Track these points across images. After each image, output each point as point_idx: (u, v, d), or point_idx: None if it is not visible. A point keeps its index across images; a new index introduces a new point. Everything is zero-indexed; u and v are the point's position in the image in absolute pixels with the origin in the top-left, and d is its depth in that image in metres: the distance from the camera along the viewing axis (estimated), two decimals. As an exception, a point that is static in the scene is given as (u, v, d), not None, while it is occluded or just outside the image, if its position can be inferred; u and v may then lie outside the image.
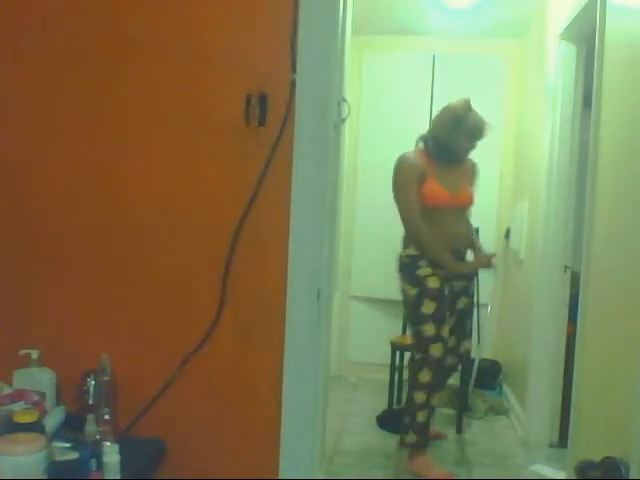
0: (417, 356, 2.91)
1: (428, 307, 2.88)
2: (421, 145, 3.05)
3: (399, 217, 2.99)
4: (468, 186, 3.07)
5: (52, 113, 2.09)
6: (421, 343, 2.89)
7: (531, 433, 3.37)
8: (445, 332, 2.91)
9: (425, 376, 2.88)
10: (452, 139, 2.96)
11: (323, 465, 2.51)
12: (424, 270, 2.93)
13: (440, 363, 2.91)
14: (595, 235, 2.30)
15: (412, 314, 2.98)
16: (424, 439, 2.97)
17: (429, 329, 2.86)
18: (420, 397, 2.90)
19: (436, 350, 2.87)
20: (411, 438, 2.95)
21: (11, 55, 2.10)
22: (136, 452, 1.86)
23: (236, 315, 2.03)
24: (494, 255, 3.29)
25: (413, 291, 2.94)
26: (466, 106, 2.97)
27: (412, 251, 2.97)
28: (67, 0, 2.08)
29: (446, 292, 2.96)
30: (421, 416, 2.92)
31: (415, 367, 2.93)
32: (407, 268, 2.98)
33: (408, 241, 3.00)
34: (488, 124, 3.00)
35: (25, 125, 2.11)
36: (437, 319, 2.88)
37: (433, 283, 2.91)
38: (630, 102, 2.02)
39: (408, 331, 3.13)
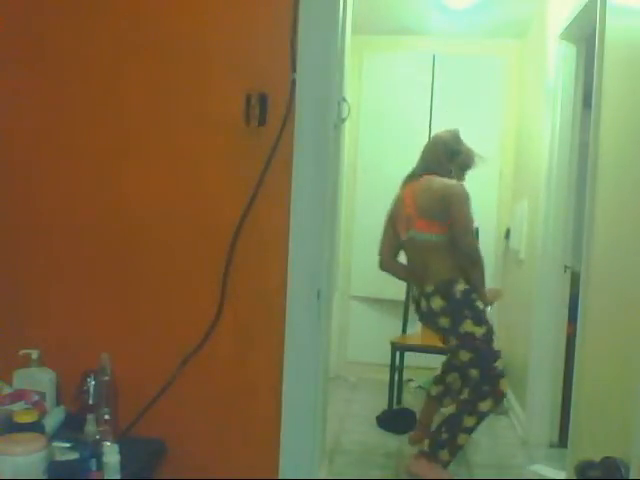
0: (485, 387, 2.85)
1: (495, 344, 2.90)
2: (417, 175, 3.04)
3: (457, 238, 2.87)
4: None
5: (52, 113, 2.09)
6: (493, 379, 2.86)
7: (531, 433, 3.38)
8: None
9: (485, 406, 2.87)
10: (447, 170, 2.99)
11: (323, 465, 2.51)
12: (475, 295, 2.88)
13: (503, 397, 2.94)
14: (595, 235, 2.30)
15: (484, 353, 2.88)
16: (451, 459, 2.93)
17: (499, 365, 2.87)
18: (470, 422, 2.88)
19: (504, 385, 2.89)
20: (444, 456, 2.89)
21: (11, 55, 2.10)
22: (136, 452, 1.86)
23: (236, 315, 2.03)
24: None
25: (482, 330, 2.86)
26: (457, 138, 3.02)
27: (462, 285, 2.87)
28: (67, 1, 2.08)
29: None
30: (462, 439, 2.89)
31: (480, 395, 2.86)
32: (467, 303, 2.86)
33: (453, 275, 2.88)
34: (478, 155, 3.06)
35: (25, 125, 2.11)
36: (499, 355, 2.90)
37: (481, 305, 2.90)
38: (630, 102, 2.02)
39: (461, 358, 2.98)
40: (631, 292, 1.87)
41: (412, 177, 3.08)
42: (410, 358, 3.86)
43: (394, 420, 3.57)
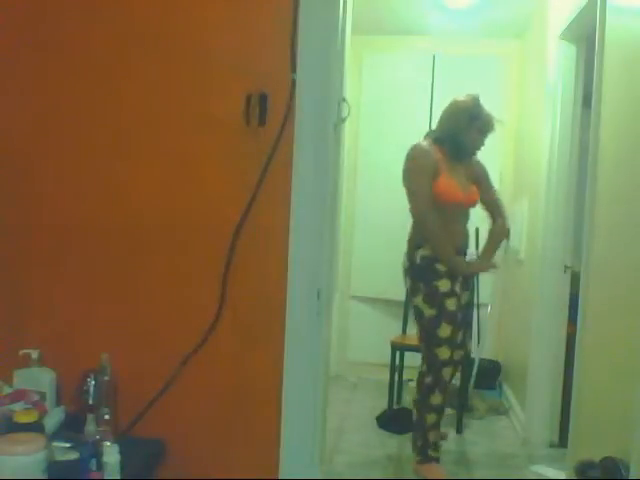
0: (428, 379, 2.87)
1: (445, 331, 2.84)
2: (430, 139, 3.00)
3: (408, 207, 2.89)
4: (473, 185, 3.06)
5: (52, 112, 2.09)
6: (435, 366, 2.86)
7: (531, 433, 3.37)
8: (457, 355, 2.91)
9: (436, 399, 2.89)
10: (465, 135, 2.96)
11: (323, 465, 2.51)
12: (441, 266, 2.83)
13: (449, 385, 2.94)
14: (595, 235, 2.30)
15: (427, 335, 2.89)
16: (438, 454, 2.98)
17: (444, 353, 2.84)
18: (431, 418, 2.91)
19: (447, 374, 2.89)
20: (433, 454, 2.95)
21: (11, 54, 2.10)
22: (136, 452, 1.86)
23: (236, 315, 2.03)
24: (495, 265, 3.24)
25: (431, 311, 2.84)
26: (477, 102, 2.98)
27: (426, 251, 2.86)
28: (67, 1, 2.07)
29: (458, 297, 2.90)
30: (433, 436, 2.94)
31: (427, 390, 2.89)
32: (423, 274, 2.87)
33: (421, 239, 2.89)
34: (496, 119, 3.04)
35: (26, 125, 2.11)
36: (452, 343, 2.87)
37: (443, 286, 2.84)
38: (630, 102, 2.02)
39: (416, 335, 3.04)
40: (631, 292, 1.87)
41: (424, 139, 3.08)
42: (410, 358, 3.86)
43: (394, 420, 3.57)
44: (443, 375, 2.87)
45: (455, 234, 2.95)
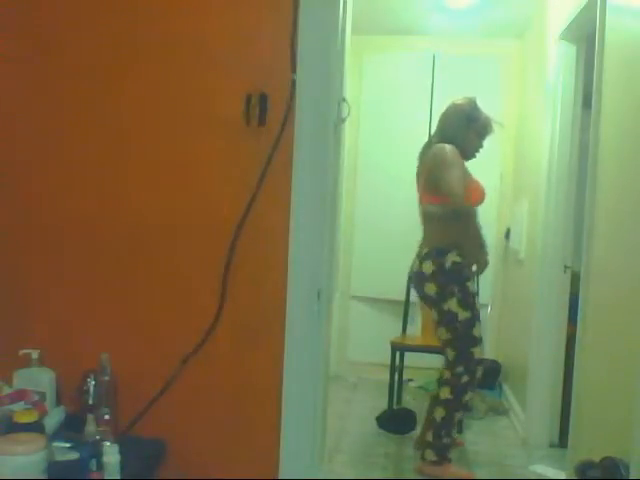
0: (465, 379, 2.87)
1: (478, 330, 2.90)
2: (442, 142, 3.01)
3: (445, 194, 2.88)
4: None
5: (52, 112, 2.09)
6: (471, 366, 2.87)
7: (531, 433, 3.37)
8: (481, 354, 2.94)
9: (468, 397, 2.91)
10: (464, 138, 2.98)
11: (323, 465, 2.51)
12: (470, 284, 2.91)
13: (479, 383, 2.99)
14: (595, 235, 2.30)
15: (463, 337, 2.89)
16: (451, 451, 3.00)
17: (479, 352, 2.88)
18: (458, 416, 2.94)
19: (479, 372, 2.92)
20: (445, 456, 2.95)
21: (12, 55, 2.10)
22: (136, 452, 1.86)
23: (236, 315, 2.03)
24: None
25: (466, 314, 2.87)
26: (474, 105, 3.00)
27: (456, 257, 2.87)
28: (67, 2, 2.08)
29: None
30: (455, 433, 2.98)
31: (462, 390, 2.89)
32: (456, 279, 2.88)
33: (447, 245, 2.89)
34: (495, 120, 3.05)
35: (26, 125, 2.11)
36: (481, 342, 2.91)
37: (472, 287, 2.92)
38: (630, 102, 2.02)
39: (439, 338, 3.03)
40: (631, 292, 1.87)
41: (427, 147, 3.10)
42: (410, 358, 3.86)
43: (394, 420, 3.57)
44: (477, 374, 2.90)
45: (478, 235, 3.05)
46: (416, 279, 3.01)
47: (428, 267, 2.91)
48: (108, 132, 2.07)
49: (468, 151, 3.02)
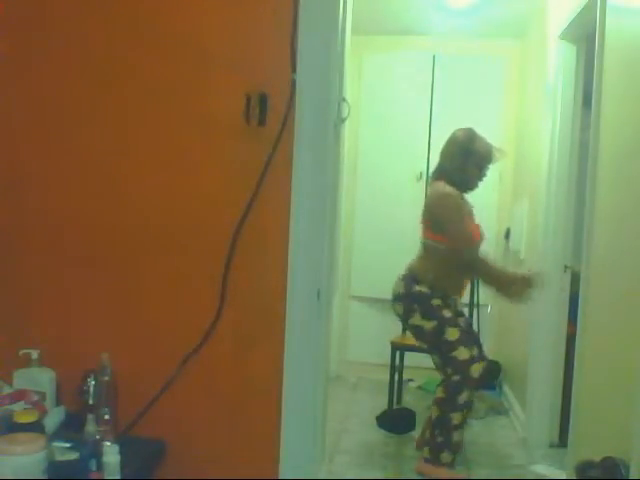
0: (455, 378, 2.87)
1: (452, 334, 2.89)
2: (441, 177, 3.01)
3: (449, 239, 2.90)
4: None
5: (52, 112, 2.09)
6: (459, 366, 2.87)
7: (531, 433, 3.37)
8: (475, 352, 2.92)
9: (464, 397, 2.88)
10: (463, 171, 2.98)
11: (323, 465, 2.51)
12: (436, 301, 2.94)
13: (478, 383, 2.94)
14: (595, 235, 2.30)
15: (438, 344, 2.94)
16: (457, 456, 2.96)
17: (462, 352, 2.87)
18: (458, 417, 2.90)
19: (475, 371, 2.89)
20: (447, 458, 2.91)
21: (12, 55, 2.10)
22: (136, 452, 1.86)
23: (236, 315, 2.03)
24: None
25: (431, 324, 2.92)
26: (471, 137, 2.99)
27: (425, 288, 2.94)
28: (67, 1, 2.08)
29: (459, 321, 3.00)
30: (457, 435, 2.92)
31: (455, 389, 2.88)
32: (419, 302, 2.95)
33: (422, 278, 2.96)
34: (496, 148, 3.03)
35: (25, 125, 2.11)
36: (465, 342, 2.90)
37: (447, 314, 2.93)
38: (630, 102, 2.02)
39: (433, 357, 3.11)
40: (631, 292, 1.87)
41: (432, 177, 3.12)
42: (410, 358, 3.86)
43: (394, 420, 3.56)
44: (471, 373, 2.87)
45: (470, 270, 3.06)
46: (392, 296, 3.08)
47: (399, 288, 3.01)
48: (108, 132, 2.07)
49: (468, 183, 3.02)
